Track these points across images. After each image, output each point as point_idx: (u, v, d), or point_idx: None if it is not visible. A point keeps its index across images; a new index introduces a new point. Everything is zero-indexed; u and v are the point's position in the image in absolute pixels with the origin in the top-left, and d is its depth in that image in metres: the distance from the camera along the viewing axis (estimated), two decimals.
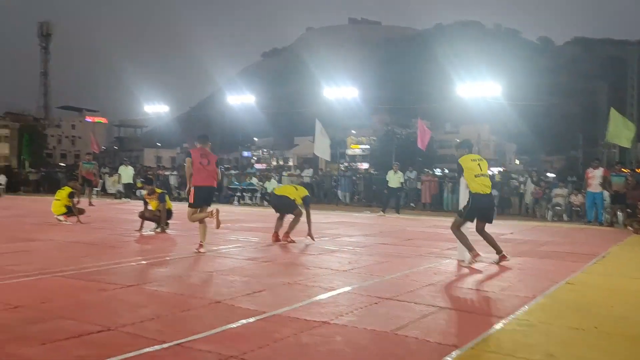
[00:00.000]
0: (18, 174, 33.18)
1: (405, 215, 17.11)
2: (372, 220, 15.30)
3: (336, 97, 31.67)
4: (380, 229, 12.29)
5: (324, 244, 8.73)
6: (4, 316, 3.83)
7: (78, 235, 9.27)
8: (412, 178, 21.93)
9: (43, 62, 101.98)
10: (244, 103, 34.74)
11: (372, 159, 67.11)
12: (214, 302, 4.44)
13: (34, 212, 14.84)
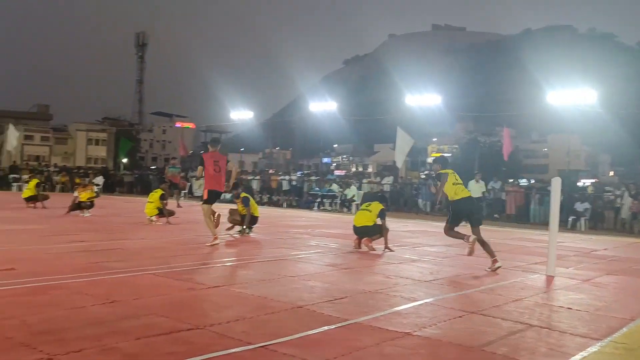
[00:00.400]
0: (114, 175, 35.26)
1: (489, 227, 16.57)
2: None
3: (418, 104, 31.26)
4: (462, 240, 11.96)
5: (404, 253, 8.62)
6: (101, 310, 4.07)
7: (168, 235, 9.70)
8: (496, 188, 21.24)
9: (139, 71, 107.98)
10: (325, 110, 35.09)
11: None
12: (296, 307, 4.50)
13: (127, 212, 15.72)
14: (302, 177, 29.03)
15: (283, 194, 26.76)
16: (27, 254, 6.72)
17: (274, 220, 14.58)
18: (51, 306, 4.10)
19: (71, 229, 10.20)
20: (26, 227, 10.13)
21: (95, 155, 75.45)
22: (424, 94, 31.54)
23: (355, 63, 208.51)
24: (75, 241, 8.24)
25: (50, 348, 3.12)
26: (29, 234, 8.97)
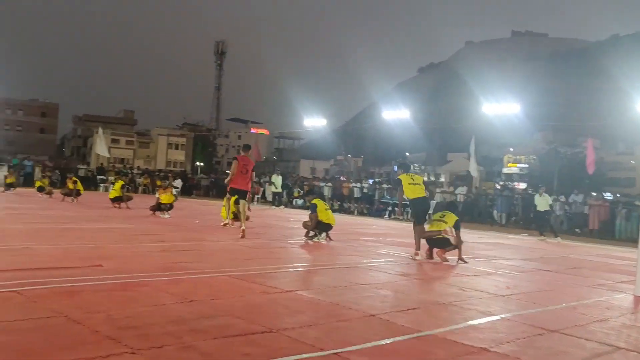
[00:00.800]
0: (192, 179, 36.57)
1: (569, 242, 15.83)
2: (531, 243, 14.37)
3: (495, 113, 30.40)
4: (540, 254, 11.51)
5: (478, 265, 8.39)
6: (181, 309, 4.22)
7: (242, 239, 9.93)
8: (578, 202, 20.26)
9: (217, 78, 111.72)
10: (398, 117, 34.84)
11: (531, 179, 63.16)
12: (368, 315, 4.48)
13: (204, 214, 16.25)
14: (374, 185, 28.96)
15: (354, 202, 26.79)
16: (112, 251, 7.09)
17: (344, 227, 14.60)
18: (135, 302, 4.30)
19: (152, 229, 10.68)
20: (112, 226, 10.70)
21: (175, 159, 78.66)
22: (501, 102, 30.63)
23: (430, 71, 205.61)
24: (157, 241, 8.62)
25: (134, 342, 3.27)
26: (114, 233, 9.46)
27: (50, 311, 3.82)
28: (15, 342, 3.13)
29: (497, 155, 73.07)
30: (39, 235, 8.34)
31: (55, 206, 15.60)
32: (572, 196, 21.32)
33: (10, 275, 4.95)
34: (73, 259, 6.15)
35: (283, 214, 19.60)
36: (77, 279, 4.99)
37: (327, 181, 32.65)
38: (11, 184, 22.27)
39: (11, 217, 11.33)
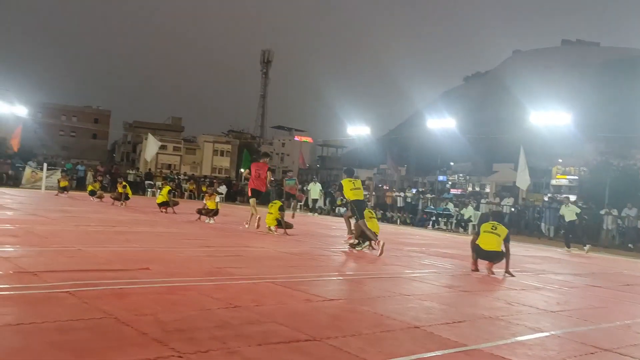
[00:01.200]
0: (236, 185, 37.08)
1: (620, 257, 15.24)
2: (581, 258, 13.91)
3: (544, 122, 29.60)
4: (591, 269, 11.13)
5: (526, 279, 8.17)
6: (226, 314, 4.27)
7: (285, 246, 10.00)
8: (631, 216, 19.51)
9: (263, 86, 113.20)
10: (443, 127, 34.39)
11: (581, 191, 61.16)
12: (413, 327, 4.42)
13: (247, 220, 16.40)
14: (417, 195, 28.66)
15: (397, 211, 26.58)
16: (159, 255, 7.25)
17: (387, 236, 14.46)
18: (182, 306, 4.38)
19: (198, 234, 10.87)
20: (159, 231, 10.95)
21: (220, 165, 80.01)
22: (550, 111, 29.82)
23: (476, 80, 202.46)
24: (202, 246, 8.77)
25: (181, 346, 3.32)
26: (161, 237, 9.68)
27: (101, 312, 3.93)
28: (69, 342, 3.23)
29: (546, 166, 71.14)
30: (90, 238, 8.60)
31: (105, 210, 16.08)
32: (625, 210, 20.56)
33: (64, 276, 5.13)
34: (122, 262, 6.32)
35: (326, 222, 19.61)
36: (126, 282, 5.12)
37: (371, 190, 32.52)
38: (65, 188, 23.11)
39: (64, 219, 11.75)
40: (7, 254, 6.18)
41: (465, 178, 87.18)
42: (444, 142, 48.49)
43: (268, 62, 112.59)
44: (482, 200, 25.90)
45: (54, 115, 78.30)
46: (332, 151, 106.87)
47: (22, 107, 36.71)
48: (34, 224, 9.90)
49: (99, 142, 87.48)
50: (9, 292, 4.36)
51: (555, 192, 60.72)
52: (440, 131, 35.46)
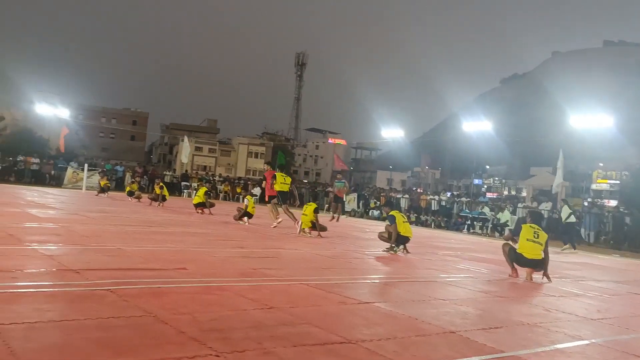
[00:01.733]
0: None
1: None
2: (623, 265, 13.51)
3: (584, 126, 28.88)
4: (634, 276, 10.82)
5: (564, 286, 7.99)
6: (261, 315, 4.30)
7: (319, 248, 10.02)
8: None
9: (297, 89, 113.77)
10: (479, 129, 33.94)
11: (622, 196, 59.40)
12: (448, 332, 4.37)
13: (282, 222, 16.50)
14: (452, 198, 28.33)
15: (431, 214, 26.33)
16: (196, 255, 7.36)
17: (422, 240, 14.37)
18: (218, 306, 4.44)
19: (232, 235, 11.00)
20: (195, 231, 11.12)
21: (254, 167, 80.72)
22: (590, 114, 29.07)
23: (513, 82, 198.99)
24: (236, 247, 8.87)
25: (218, 345, 3.37)
26: (197, 238, 9.82)
27: (140, 310, 4.01)
28: (110, 338, 3.31)
29: (586, 170, 69.41)
30: (129, 237, 8.80)
31: (143, 210, 16.42)
32: None
33: (105, 274, 5.26)
34: (160, 261, 6.44)
35: (359, 225, 19.56)
36: (163, 281, 5.22)
37: (404, 193, 32.31)
38: (105, 188, 23.69)
39: (104, 219, 12.05)
40: (50, 252, 6.38)
41: (501, 182, 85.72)
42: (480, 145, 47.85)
43: (302, 65, 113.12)
44: (519, 204, 25.42)
45: (95, 117, 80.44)
46: (365, 154, 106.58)
47: (64, 109, 37.80)
48: (75, 223, 10.18)
49: (136, 144, 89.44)
50: (52, 289, 4.50)
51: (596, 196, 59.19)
52: (476, 134, 35.00)
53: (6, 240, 7.04)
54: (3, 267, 5.15)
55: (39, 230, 8.76)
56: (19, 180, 29.65)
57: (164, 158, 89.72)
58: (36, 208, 13.20)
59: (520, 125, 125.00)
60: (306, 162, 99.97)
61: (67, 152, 41.48)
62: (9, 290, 4.29)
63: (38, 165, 31.69)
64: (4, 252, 6.13)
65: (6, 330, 3.24)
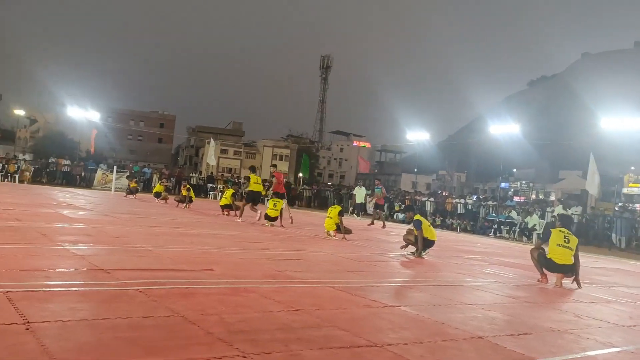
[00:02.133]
0: (294, 189, 37.46)
1: None
2: None
3: (615, 128, 28.27)
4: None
5: (595, 292, 7.83)
6: (287, 317, 4.32)
7: (344, 251, 10.02)
8: None
9: (322, 91, 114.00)
10: (506, 132, 33.44)
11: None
12: (476, 337, 4.32)
13: (306, 225, 16.56)
14: (479, 202, 28.02)
15: (457, 218, 26.08)
16: (222, 257, 7.43)
17: (447, 244, 14.24)
18: (245, 307, 4.47)
19: (259, 237, 11.06)
20: (221, 233, 11.23)
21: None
22: (622, 117, 28.44)
23: (542, 84, 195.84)
24: (262, 249, 8.92)
25: (245, 346, 3.40)
26: (223, 239, 9.92)
27: (169, 310, 4.07)
28: (140, 338, 3.37)
29: (617, 174, 67.92)
30: (157, 239, 8.92)
31: (170, 211, 16.63)
32: None
33: (134, 275, 5.35)
34: (187, 262, 6.52)
35: (385, 228, 19.46)
36: (191, 282, 5.29)
37: (429, 196, 32.07)
38: (133, 189, 24.07)
39: (133, 220, 12.24)
40: (81, 252, 6.51)
41: (529, 185, 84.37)
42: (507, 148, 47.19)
43: (327, 68, 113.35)
44: (548, 209, 25.01)
45: (123, 120, 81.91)
46: (390, 156, 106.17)
47: (95, 112, 38.54)
48: (105, 224, 10.37)
49: (163, 146, 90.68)
50: (83, 288, 4.60)
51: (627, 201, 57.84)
52: (503, 136, 34.48)
53: (39, 240, 7.21)
54: (37, 267, 5.28)
55: (70, 231, 8.95)
56: (50, 182, 30.34)
57: (190, 160, 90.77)
58: (67, 209, 13.48)
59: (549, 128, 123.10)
60: (330, 165, 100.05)
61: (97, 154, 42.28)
62: (42, 289, 4.39)
63: (69, 167, 32.39)
64: (38, 251, 6.28)
65: (40, 329, 3.32)
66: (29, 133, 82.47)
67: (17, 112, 50.66)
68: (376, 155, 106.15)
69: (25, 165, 30.26)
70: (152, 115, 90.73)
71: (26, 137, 79.96)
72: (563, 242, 7.89)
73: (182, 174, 35.89)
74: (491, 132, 34.52)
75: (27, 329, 3.29)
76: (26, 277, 4.78)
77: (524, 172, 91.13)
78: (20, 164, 29.95)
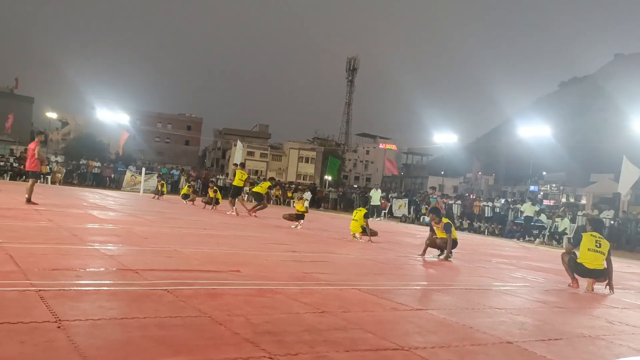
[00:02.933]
0: (320, 192, 37.48)
1: None
2: None
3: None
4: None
5: (628, 297, 7.64)
6: (314, 319, 4.32)
7: (370, 253, 9.98)
8: None
9: (348, 94, 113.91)
10: (536, 135, 32.91)
11: None
12: (505, 342, 4.25)
13: (332, 227, 16.55)
14: (507, 205, 27.61)
15: (485, 221, 25.76)
16: (249, 258, 7.46)
17: (475, 247, 14.09)
18: (271, 309, 4.49)
19: (285, 239, 11.09)
20: (247, 234, 11.29)
21: (305, 172, 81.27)
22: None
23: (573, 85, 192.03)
24: (288, 251, 8.94)
25: (271, 348, 3.40)
26: (250, 241, 9.97)
27: (196, 311, 4.10)
28: (168, 337, 3.40)
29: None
30: (184, 240, 9.02)
31: (197, 213, 16.81)
32: None
33: (162, 275, 5.41)
34: (214, 263, 6.57)
35: (410, 230, 19.35)
36: (218, 282, 5.32)
37: (457, 198, 31.74)
38: (161, 191, 24.40)
39: (161, 221, 12.40)
40: (111, 252, 6.62)
41: (559, 188, 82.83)
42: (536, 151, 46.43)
43: (354, 70, 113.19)
44: (579, 212, 24.52)
45: (151, 122, 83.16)
46: (416, 159, 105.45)
47: (124, 115, 39.21)
48: (133, 225, 10.53)
49: (190, 148, 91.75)
50: (113, 288, 4.67)
51: None
52: (533, 139, 33.95)
53: (71, 240, 7.35)
54: (68, 266, 5.38)
55: (100, 231, 9.11)
56: (81, 183, 30.96)
57: (217, 162, 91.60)
58: (97, 210, 13.73)
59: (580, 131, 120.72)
60: (356, 167, 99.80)
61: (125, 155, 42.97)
62: (73, 288, 4.47)
63: (99, 169, 33.00)
64: (69, 251, 6.41)
65: (71, 327, 3.38)
66: (60, 135, 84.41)
67: (49, 114, 51.82)
68: (402, 157, 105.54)
69: (57, 167, 30.93)
70: (179, 118, 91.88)
71: (58, 140, 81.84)
72: (594, 247, 7.71)
73: (209, 176, 36.24)
74: (521, 135, 34.03)
75: (58, 326, 3.35)
76: (58, 276, 4.88)
77: (554, 175, 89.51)
78: (53, 165, 30.64)
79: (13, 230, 7.70)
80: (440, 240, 10.12)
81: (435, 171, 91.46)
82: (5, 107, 64.69)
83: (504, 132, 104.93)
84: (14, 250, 5.92)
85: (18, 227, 8.07)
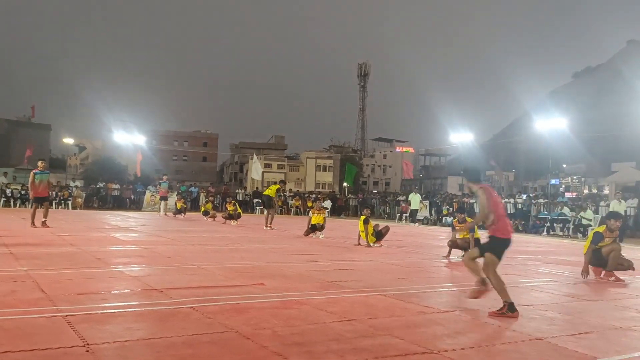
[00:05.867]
0: (340, 199, 37.39)
1: None
2: None
3: None
4: None
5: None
6: (341, 327, 4.30)
7: (394, 258, 9.92)
8: None
9: (361, 100, 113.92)
10: (553, 127, 32.51)
11: None
12: (535, 339, 4.20)
13: (354, 234, 16.49)
14: (529, 200, 27.28)
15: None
16: (272, 271, 7.47)
17: None
18: (298, 320, 4.48)
19: (306, 249, 11.08)
20: (270, 247, 11.31)
21: (323, 180, 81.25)
22: None
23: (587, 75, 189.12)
24: (312, 261, 8.93)
25: (300, 359, 3.40)
26: (273, 253, 9.98)
27: (223, 326, 4.12)
28: (197, 355, 3.42)
29: None
30: (207, 256, 9.07)
31: (218, 228, 16.88)
32: None
33: (187, 293, 5.44)
34: (238, 278, 6.59)
35: (433, 233, 19.21)
36: (243, 297, 5.34)
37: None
38: (181, 209, 24.56)
39: (183, 239, 12.48)
40: (135, 273, 6.68)
41: (580, 180, 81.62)
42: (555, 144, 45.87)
43: (365, 75, 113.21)
44: (602, 203, 24.12)
45: (167, 141, 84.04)
46: (435, 160, 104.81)
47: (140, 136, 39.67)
48: (156, 245, 10.62)
49: (208, 165, 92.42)
50: (139, 309, 4.71)
51: None
52: (550, 132, 33.54)
53: (95, 264, 7.44)
54: (93, 290, 5.45)
55: (123, 253, 9.20)
56: (102, 206, 31.30)
57: (235, 177, 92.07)
58: (119, 232, 13.87)
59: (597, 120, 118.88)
60: (375, 173, 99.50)
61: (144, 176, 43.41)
62: (100, 311, 4.52)
63: (118, 191, 33.35)
64: (94, 275, 6.48)
65: (100, 350, 3.41)
66: (78, 160, 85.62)
67: (66, 140, 52.55)
68: (420, 159, 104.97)
69: (77, 191, 31.34)
70: (195, 135, 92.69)
71: (76, 164, 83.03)
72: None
73: (227, 191, 36.42)
74: (537, 129, 33.68)
75: (87, 350, 3.39)
76: (84, 300, 4.94)
77: (574, 167, 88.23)
78: (72, 190, 31.04)
79: (38, 257, 7.81)
80: (461, 241, 10.04)
81: (455, 171, 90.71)
82: (24, 136, 65.97)
83: (520, 127, 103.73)
84: (40, 277, 6.00)
85: (42, 254, 8.19)
